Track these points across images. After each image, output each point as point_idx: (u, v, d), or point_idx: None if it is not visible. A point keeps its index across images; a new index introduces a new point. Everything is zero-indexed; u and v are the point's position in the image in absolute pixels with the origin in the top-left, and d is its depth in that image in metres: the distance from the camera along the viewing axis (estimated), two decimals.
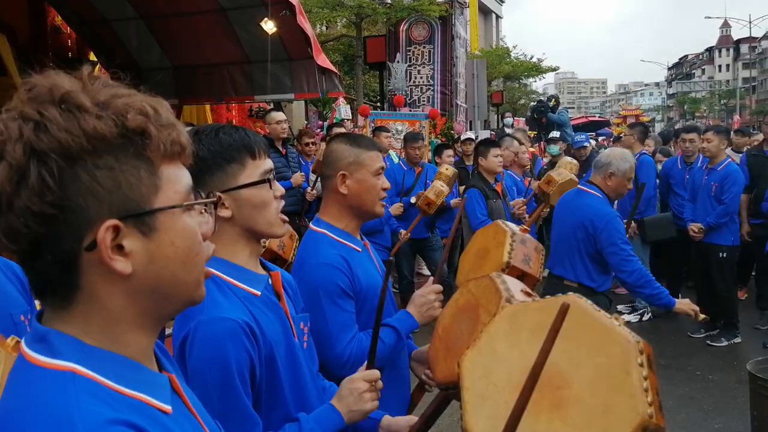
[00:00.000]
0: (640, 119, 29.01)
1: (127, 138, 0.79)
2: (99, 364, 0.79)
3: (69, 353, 0.78)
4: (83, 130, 0.76)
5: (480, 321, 1.34)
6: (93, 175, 0.77)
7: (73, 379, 0.76)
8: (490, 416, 0.99)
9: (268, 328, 1.47)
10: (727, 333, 6.05)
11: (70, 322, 0.81)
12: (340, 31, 17.41)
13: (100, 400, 0.76)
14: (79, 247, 0.78)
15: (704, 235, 5.99)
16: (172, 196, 0.84)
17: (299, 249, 2.20)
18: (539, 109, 15.43)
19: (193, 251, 0.86)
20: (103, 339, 0.82)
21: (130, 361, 0.83)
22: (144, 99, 0.83)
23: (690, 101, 75.06)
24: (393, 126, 9.10)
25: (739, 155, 7.53)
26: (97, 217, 0.77)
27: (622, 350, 0.93)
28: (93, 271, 0.79)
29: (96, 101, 0.79)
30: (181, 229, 0.85)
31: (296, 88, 8.36)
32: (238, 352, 1.37)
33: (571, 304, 0.82)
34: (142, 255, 0.81)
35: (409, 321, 2.11)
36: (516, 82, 30.96)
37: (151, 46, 8.30)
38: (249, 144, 1.52)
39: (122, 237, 0.79)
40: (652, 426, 0.88)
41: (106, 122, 0.77)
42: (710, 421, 4.50)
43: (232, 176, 1.50)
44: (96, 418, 0.73)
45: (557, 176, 5.00)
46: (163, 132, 0.82)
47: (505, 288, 1.34)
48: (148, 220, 0.81)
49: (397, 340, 2.06)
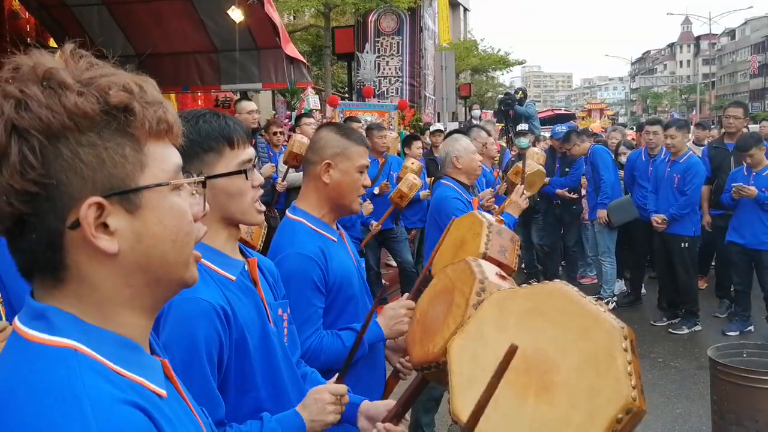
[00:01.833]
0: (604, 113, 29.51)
1: (111, 115, 0.78)
2: (98, 344, 0.78)
3: (69, 330, 0.77)
4: (64, 106, 0.75)
5: (454, 302, 1.36)
6: (76, 152, 0.76)
7: (75, 356, 0.75)
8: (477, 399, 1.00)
9: (242, 312, 1.47)
10: (688, 321, 6.23)
11: (64, 301, 0.79)
12: (308, 21, 17.24)
13: (104, 377, 0.75)
14: (63, 225, 0.77)
15: (667, 225, 6.14)
16: (159, 174, 0.83)
17: (275, 236, 2.18)
18: (506, 102, 15.51)
19: (182, 230, 0.85)
20: (99, 319, 0.80)
21: (128, 341, 0.82)
22: (129, 76, 0.81)
23: (652, 96, 76.74)
24: (362, 117, 9.08)
25: (700, 148, 7.72)
26: (80, 195, 0.76)
27: (607, 335, 0.95)
28: (79, 251, 0.78)
29: (79, 78, 0.78)
30: (168, 207, 0.83)
31: (264, 78, 8.26)
32: (208, 333, 1.38)
33: (558, 291, 0.84)
34: (128, 233, 0.80)
35: (376, 331, 2.13)
36: (483, 75, 31.19)
37: (114, 32, 8.10)
38: (228, 133, 1.51)
39: (107, 215, 0.78)
40: (635, 408, 0.91)
41: (88, 99, 0.76)
42: (672, 406, 4.64)
43: (208, 165, 1.49)
44: (104, 395, 0.72)
45: (525, 167, 5.06)
46: (148, 109, 0.81)
47: (480, 270, 1.35)
48: (134, 198, 0.80)
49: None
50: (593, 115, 28.39)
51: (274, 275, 1.72)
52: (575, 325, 0.97)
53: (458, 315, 1.32)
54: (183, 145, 1.44)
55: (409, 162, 6.16)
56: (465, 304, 1.31)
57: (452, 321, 1.33)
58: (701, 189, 6.24)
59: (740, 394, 3.51)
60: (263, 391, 1.52)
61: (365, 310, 2.23)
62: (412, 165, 6.04)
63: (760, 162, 5.82)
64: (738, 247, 5.92)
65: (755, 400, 3.45)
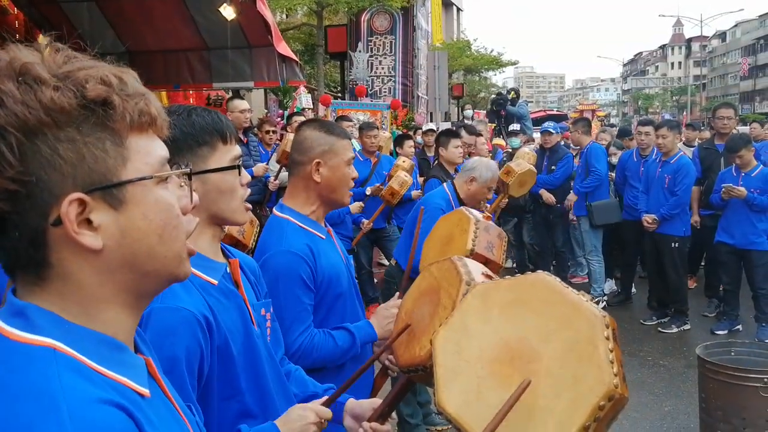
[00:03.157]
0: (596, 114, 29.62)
1: (89, 109, 0.76)
2: (80, 342, 0.77)
3: (49, 329, 0.76)
4: (40, 102, 0.73)
5: (440, 303, 1.35)
6: (54, 148, 0.74)
7: (54, 356, 0.74)
8: (462, 391, 1.01)
9: (224, 317, 1.45)
10: (677, 320, 6.27)
11: (46, 299, 0.78)
12: (301, 19, 17.21)
13: (83, 377, 0.73)
14: (45, 222, 0.75)
15: (657, 225, 6.17)
16: (142, 167, 0.81)
17: (263, 234, 2.18)
18: (498, 102, 15.57)
19: (170, 224, 0.84)
20: (82, 317, 0.79)
21: (111, 339, 0.81)
22: (108, 68, 0.80)
23: (644, 97, 77.13)
24: (354, 116, 9.08)
25: (690, 149, 7.77)
26: (61, 192, 0.75)
27: (589, 324, 0.95)
28: (63, 248, 0.77)
29: (55, 73, 0.76)
30: (154, 201, 0.82)
31: (256, 77, 8.25)
32: (189, 344, 1.35)
33: (541, 281, 0.84)
34: (113, 229, 0.79)
35: (369, 331, 2.13)
36: (476, 75, 31.24)
37: (104, 29, 8.06)
38: (221, 128, 1.50)
39: (90, 211, 0.77)
40: (617, 395, 0.91)
41: (65, 93, 0.75)
42: (661, 404, 4.66)
43: (201, 159, 1.48)
44: (81, 394, 0.71)
45: (516, 167, 5.08)
46: (129, 102, 0.79)
47: (466, 271, 1.35)
48: (117, 193, 0.79)
49: (351, 345, 2.08)
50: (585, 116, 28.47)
51: (255, 274, 1.70)
52: (557, 314, 0.98)
53: (444, 317, 1.31)
54: (176, 138, 1.45)
55: (401, 160, 6.16)
56: (452, 306, 1.31)
57: (438, 322, 1.32)
58: (692, 189, 6.28)
59: (728, 392, 3.53)
60: (248, 395, 1.50)
61: (353, 308, 2.23)
62: (404, 163, 6.05)
63: (748, 163, 5.87)
64: (727, 246, 5.96)
65: (743, 397, 3.47)
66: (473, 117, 15.85)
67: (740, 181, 5.83)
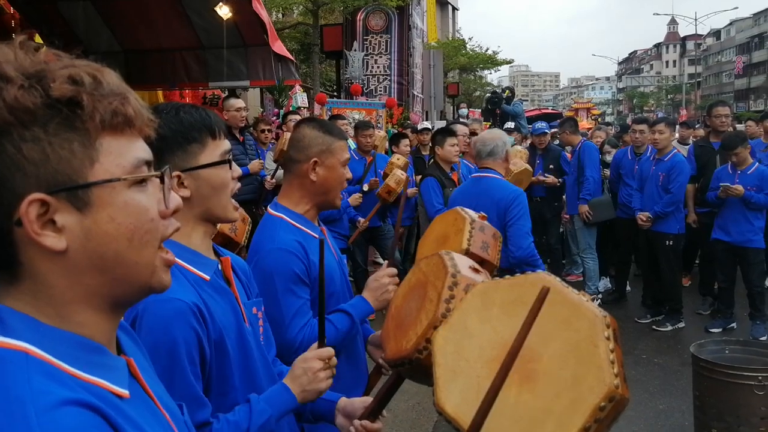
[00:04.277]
0: (591, 112, 29.70)
1: (55, 108, 0.75)
2: (53, 345, 0.76)
3: (22, 332, 0.75)
4: (4, 100, 0.72)
5: (427, 297, 1.36)
6: (18, 147, 0.73)
7: (26, 359, 0.72)
8: (461, 390, 1.01)
9: (218, 313, 1.45)
10: (672, 318, 6.29)
11: (20, 299, 0.78)
12: (297, 18, 17.19)
13: (55, 380, 0.72)
14: (10, 222, 0.75)
15: (652, 223, 6.19)
16: (113, 169, 0.79)
17: (256, 232, 2.17)
18: (493, 100, 15.58)
19: (141, 228, 0.81)
20: (56, 318, 0.78)
21: (86, 341, 0.80)
22: (84, 67, 0.78)
23: (638, 95, 77.26)
24: (350, 115, 9.08)
25: (685, 147, 7.79)
26: (23, 192, 0.74)
27: (589, 324, 0.96)
28: (29, 248, 0.76)
29: (24, 71, 0.74)
30: (122, 204, 0.80)
31: (252, 76, 8.24)
32: (186, 333, 1.36)
33: (540, 281, 0.84)
34: (77, 231, 0.77)
35: (364, 307, 2.11)
36: (471, 74, 31.24)
37: (100, 28, 8.04)
38: (210, 124, 1.50)
39: (53, 212, 0.76)
40: (618, 396, 0.91)
41: (30, 92, 0.73)
42: (655, 402, 4.68)
43: (192, 155, 1.48)
44: (49, 398, 0.69)
45: (512, 166, 5.09)
46: (101, 102, 0.77)
47: (452, 264, 1.36)
48: (82, 195, 0.77)
49: (351, 325, 2.07)
50: (580, 115, 28.57)
51: (246, 273, 1.70)
52: (558, 314, 0.98)
53: (430, 310, 1.31)
54: (166, 136, 1.45)
55: (395, 158, 6.15)
56: (437, 299, 1.31)
57: (424, 316, 1.33)
58: (686, 187, 6.29)
59: (722, 390, 3.54)
60: (241, 393, 1.50)
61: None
62: (398, 161, 6.04)
63: (744, 160, 5.88)
64: (724, 244, 5.96)
65: (737, 395, 3.49)
66: (468, 115, 15.86)
67: (736, 179, 5.85)
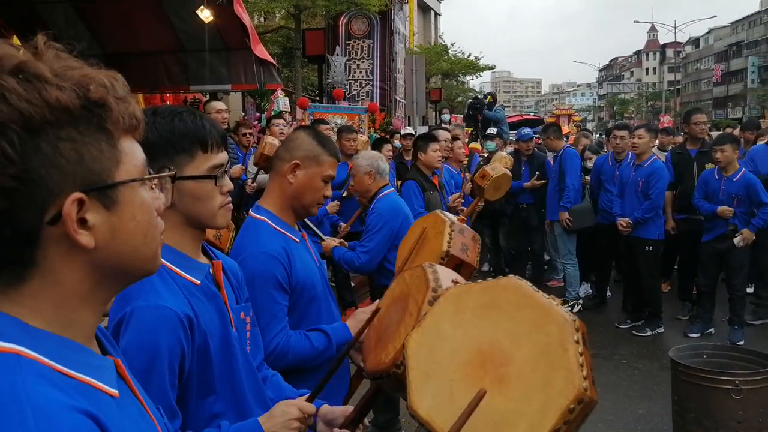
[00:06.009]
0: (572, 119, 29.97)
1: (89, 110, 0.78)
2: (44, 347, 0.76)
3: (12, 335, 0.75)
4: (45, 100, 0.74)
5: (407, 311, 1.36)
6: (55, 146, 0.75)
7: (19, 361, 0.73)
8: (434, 394, 1.01)
9: (205, 318, 1.45)
10: (651, 323, 6.34)
11: (17, 301, 0.78)
12: (279, 22, 17.15)
13: (49, 382, 0.73)
14: (41, 221, 0.76)
15: (632, 229, 6.24)
16: (131, 169, 0.84)
17: (239, 235, 2.18)
18: (475, 106, 15.65)
19: (152, 225, 0.87)
20: (51, 318, 0.79)
21: (74, 343, 0.81)
22: (101, 71, 0.81)
23: (619, 102, 78.20)
24: (332, 119, 9.07)
25: (665, 153, 7.88)
26: (60, 190, 0.76)
27: (559, 328, 0.96)
28: (55, 246, 0.78)
29: (54, 72, 0.77)
30: (140, 202, 0.84)
31: (233, 79, 8.19)
32: (171, 343, 1.35)
33: (512, 285, 0.85)
34: (105, 229, 0.80)
35: (344, 333, 2.12)
36: (454, 79, 31.37)
37: (80, 31, 7.95)
38: (203, 136, 1.48)
39: (86, 210, 0.78)
40: (587, 398, 0.92)
41: (69, 93, 0.76)
42: (635, 407, 4.72)
43: (177, 165, 1.46)
44: (48, 402, 0.70)
45: (491, 170, 5.08)
46: (121, 105, 0.81)
47: (435, 278, 1.36)
48: (111, 194, 0.80)
49: (327, 346, 2.08)
50: (561, 121, 28.80)
51: (237, 277, 1.70)
52: (528, 318, 0.99)
53: (410, 324, 1.32)
54: (155, 142, 1.43)
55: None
56: (417, 313, 1.32)
57: (404, 330, 1.33)
58: (665, 193, 6.35)
59: (700, 394, 3.58)
60: (221, 396, 1.50)
61: (329, 311, 2.23)
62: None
63: (731, 162, 5.86)
64: (711, 247, 5.99)
65: (714, 400, 3.53)
66: (450, 121, 15.93)
67: (722, 185, 5.89)
